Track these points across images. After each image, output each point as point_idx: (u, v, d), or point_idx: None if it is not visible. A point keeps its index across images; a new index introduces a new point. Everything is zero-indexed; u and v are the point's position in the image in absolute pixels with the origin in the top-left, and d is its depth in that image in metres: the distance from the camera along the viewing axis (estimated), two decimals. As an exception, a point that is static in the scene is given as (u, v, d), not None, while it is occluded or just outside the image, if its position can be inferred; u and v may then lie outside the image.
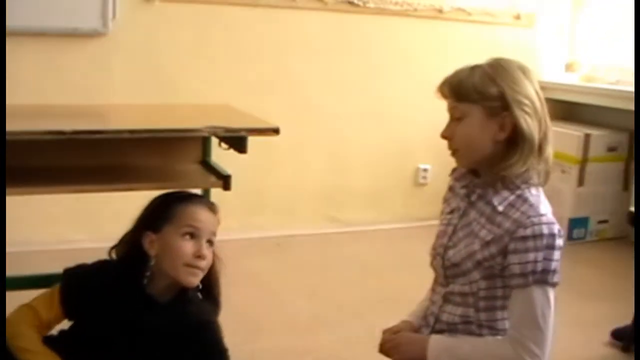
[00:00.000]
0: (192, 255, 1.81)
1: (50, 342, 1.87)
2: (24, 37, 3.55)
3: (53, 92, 3.57)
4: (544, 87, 4.86)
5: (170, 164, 2.34)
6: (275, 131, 2.07)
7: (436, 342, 1.69)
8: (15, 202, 3.24)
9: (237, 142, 2.06)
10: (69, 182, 2.06)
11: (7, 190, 1.84)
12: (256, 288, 3.31)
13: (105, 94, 3.69)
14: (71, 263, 1.96)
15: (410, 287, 1.82)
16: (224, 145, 2.21)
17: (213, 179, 2.24)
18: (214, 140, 2.29)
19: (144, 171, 2.24)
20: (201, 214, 1.85)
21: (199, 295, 1.90)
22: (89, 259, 1.96)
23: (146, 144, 2.25)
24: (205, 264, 1.83)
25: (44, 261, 3.32)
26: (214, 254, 1.89)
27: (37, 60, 3.62)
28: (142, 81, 3.78)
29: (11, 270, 2.45)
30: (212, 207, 1.89)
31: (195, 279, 1.83)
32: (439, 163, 1.56)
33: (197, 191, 2.32)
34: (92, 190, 2.07)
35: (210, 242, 1.84)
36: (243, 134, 2.01)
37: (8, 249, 3.24)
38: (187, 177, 2.28)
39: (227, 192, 2.21)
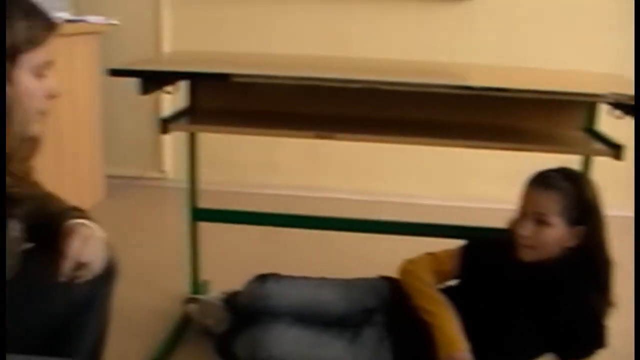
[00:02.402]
0: (517, 234, 1.94)
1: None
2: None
3: (422, 50, 3.71)
4: None
5: (554, 129, 2.31)
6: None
7: None
8: (399, 153, 3.55)
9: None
10: (459, 136, 2.13)
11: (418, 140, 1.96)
12: None
13: (469, 54, 3.75)
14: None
15: None
16: (617, 113, 2.12)
17: (600, 146, 2.17)
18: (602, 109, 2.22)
19: (529, 133, 2.24)
20: (527, 194, 1.95)
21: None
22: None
23: (531, 107, 2.26)
24: (529, 242, 1.91)
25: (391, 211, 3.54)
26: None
27: (407, 20, 3.78)
28: (507, 44, 3.76)
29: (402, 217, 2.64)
30: (548, 185, 1.91)
31: (522, 255, 1.94)
32: None
33: (575, 159, 2.28)
34: (480, 146, 2.11)
35: (540, 222, 1.90)
36: (649, 102, 1.90)
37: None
38: (572, 143, 2.23)
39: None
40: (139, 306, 2.57)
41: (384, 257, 2.16)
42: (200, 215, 2.45)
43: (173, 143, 4.02)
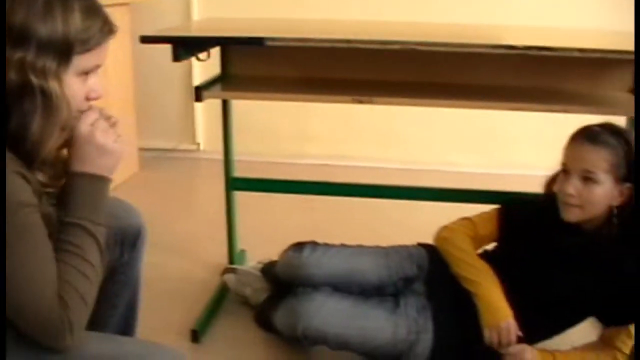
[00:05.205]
0: (562, 192, 1.84)
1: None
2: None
3: (460, 14, 3.63)
4: None
5: (597, 90, 2.24)
6: None
7: None
8: (436, 120, 3.52)
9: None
10: (501, 99, 2.07)
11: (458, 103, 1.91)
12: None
13: (506, 18, 3.65)
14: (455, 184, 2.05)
15: None
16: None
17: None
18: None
19: (572, 95, 2.17)
20: (572, 150, 1.85)
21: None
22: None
23: (574, 68, 2.20)
24: (575, 200, 1.82)
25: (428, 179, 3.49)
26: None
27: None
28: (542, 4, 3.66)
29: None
30: (596, 141, 1.81)
31: (567, 215, 1.85)
32: None
33: (622, 119, 2.21)
34: (524, 108, 2.07)
35: (587, 179, 1.81)
36: None
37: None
38: (617, 104, 2.16)
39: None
40: (177, 277, 2.57)
41: (423, 224, 2.11)
42: (236, 184, 2.42)
43: (206, 115, 3.99)
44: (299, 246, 2.12)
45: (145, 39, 1.94)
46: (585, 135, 1.85)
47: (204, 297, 2.37)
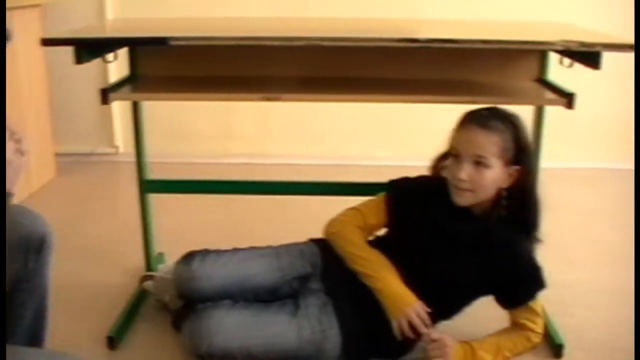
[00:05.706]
0: (454, 177, 1.87)
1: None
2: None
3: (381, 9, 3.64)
4: None
5: (505, 81, 2.28)
6: (631, 47, 1.91)
7: None
8: (356, 115, 3.52)
9: (588, 58, 1.93)
10: (411, 92, 2.09)
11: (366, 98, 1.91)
12: (572, 218, 3.19)
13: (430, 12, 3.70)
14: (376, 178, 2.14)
15: None
16: (565, 61, 2.09)
17: (551, 96, 2.15)
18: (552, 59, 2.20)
19: (481, 86, 2.21)
20: (463, 136, 1.88)
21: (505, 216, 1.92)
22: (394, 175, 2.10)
23: (482, 59, 2.24)
24: (467, 185, 1.85)
25: (350, 174, 3.51)
26: (514, 179, 1.89)
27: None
28: None
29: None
30: (486, 126, 1.85)
31: (459, 199, 1.89)
32: None
33: (529, 108, 2.25)
34: (433, 100, 2.07)
35: (479, 164, 1.85)
36: (598, 49, 1.87)
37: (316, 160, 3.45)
38: (524, 94, 2.20)
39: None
40: (95, 283, 2.51)
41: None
42: (150, 186, 2.38)
43: (124, 117, 3.92)
44: (188, 257, 2.06)
45: (46, 42, 1.89)
46: (474, 120, 1.89)
47: (121, 302, 2.32)
